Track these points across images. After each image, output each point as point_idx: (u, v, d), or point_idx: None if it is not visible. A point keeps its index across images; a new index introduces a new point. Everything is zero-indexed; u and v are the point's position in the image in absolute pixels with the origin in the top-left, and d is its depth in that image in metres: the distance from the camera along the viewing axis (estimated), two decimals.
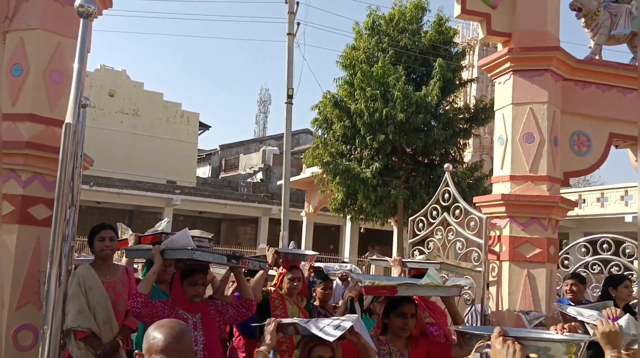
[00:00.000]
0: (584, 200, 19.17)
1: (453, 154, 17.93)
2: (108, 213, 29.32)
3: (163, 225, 5.20)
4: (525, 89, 5.24)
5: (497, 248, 5.23)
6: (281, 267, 4.92)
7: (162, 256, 3.89)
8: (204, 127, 38.46)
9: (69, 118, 2.72)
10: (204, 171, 40.94)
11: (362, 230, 21.22)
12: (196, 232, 4.97)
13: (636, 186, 17.38)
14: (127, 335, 4.42)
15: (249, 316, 4.09)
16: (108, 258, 4.36)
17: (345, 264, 5.98)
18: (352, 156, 17.32)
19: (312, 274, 5.56)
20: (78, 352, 4.03)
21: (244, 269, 4.28)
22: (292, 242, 8.10)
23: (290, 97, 16.77)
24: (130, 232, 5.23)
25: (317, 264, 5.79)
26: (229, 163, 40.58)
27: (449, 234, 5.71)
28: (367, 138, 16.60)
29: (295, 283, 4.73)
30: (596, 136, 5.40)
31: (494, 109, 5.61)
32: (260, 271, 4.64)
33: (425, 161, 17.44)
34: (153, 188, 27.49)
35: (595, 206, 18.71)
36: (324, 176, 17.69)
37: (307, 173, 22.70)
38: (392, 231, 21.24)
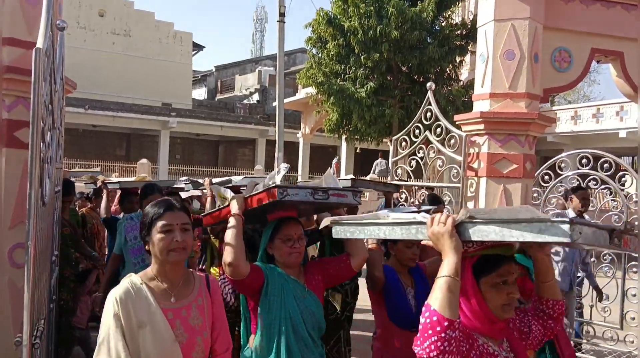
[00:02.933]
0: (580, 116, 19.17)
1: (449, 72, 17.79)
2: (105, 136, 29.41)
3: (281, 172, 3.42)
4: (508, 5, 5.19)
5: (475, 165, 5.36)
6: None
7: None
8: (197, 47, 37.84)
9: (39, 43, 2.76)
10: (200, 93, 40.65)
11: (357, 150, 21.35)
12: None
13: (631, 102, 17.22)
14: None
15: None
16: (179, 264, 2.50)
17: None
18: (346, 76, 17.20)
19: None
20: None
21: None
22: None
23: (282, 15, 16.46)
24: (230, 194, 3.62)
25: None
26: (224, 85, 40.22)
27: (430, 152, 5.82)
28: (362, 57, 16.43)
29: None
30: (577, 52, 5.40)
31: (477, 27, 5.58)
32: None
33: (421, 80, 17.31)
34: (149, 110, 27.43)
35: (591, 121, 18.70)
36: (319, 96, 17.63)
37: (302, 93, 22.57)
38: (387, 151, 21.40)
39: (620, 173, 6.29)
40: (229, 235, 2.93)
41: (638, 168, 6.15)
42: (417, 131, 5.95)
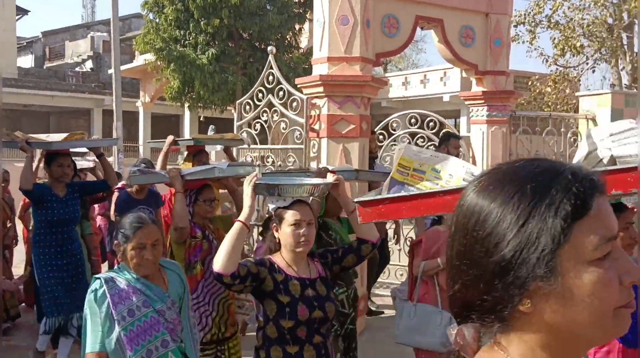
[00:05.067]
0: (409, 82, 20.50)
1: (289, 39, 18.07)
2: None
3: None
4: None
5: (316, 126, 5.63)
6: None
7: None
8: (22, 11, 34.58)
9: None
10: (26, 61, 37.30)
11: (201, 118, 21.06)
12: None
13: (453, 68, 18.82)
14: None
15: None
16: None
17: None
18: (186, 42, 16.78)
19: None
20: None
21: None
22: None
23: None
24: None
25: None
26: (53, 51, 37.31)
27: (274, 115, 6.00)
28: (202, 23, 16.12)
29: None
30: (404, 19, 5.83)
31: None
32: None
33: (262, 47, 17.39)
34: None
35: (419, 87, 20.08)
36: (158, 63, 17.08)
37: (140, 60, 21.65)
38: (232, 119, 21.33)
39: (444, 131, 6.94)
40: None
41: (460, 128, 6.84)
42: (260, 95, 6.09)
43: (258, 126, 6.16)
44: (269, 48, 6.12)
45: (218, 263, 2.51)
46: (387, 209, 1.85)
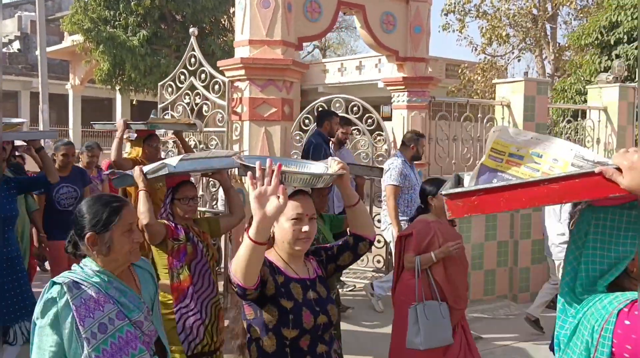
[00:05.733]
0: (346, 68, 20.66)
1: (223, 22, 17.88)
2: None
3: None
4: None
5: (239, 109, 5.64)
6: None
7: None
8: None
9: None
10: None
11: (134, 102, 20.60)
12: None
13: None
14: None
15: None
16: None
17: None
18: (116, 23, 16.36)
19: None
20: None
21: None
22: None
23: None
24: None
25: None
26: None
27: (196, 98, 5.96)
28: (132, 3, 15.76)
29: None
30: (326, 4, 5.89)
31: None
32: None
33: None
34: None
35: (355, 73, 20.28)
36: (87, 44, 16.58)
37: (68, 41, 20.94)
38: None
39: (368, 116, 7.06)
40: None
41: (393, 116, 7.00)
42: (182, 77, 6.04)
43: (180, 109, 6.11)
44: (191, 30, 6.07)
45: (239, 278, 2.03)
46: (482, 202, 1.62)
